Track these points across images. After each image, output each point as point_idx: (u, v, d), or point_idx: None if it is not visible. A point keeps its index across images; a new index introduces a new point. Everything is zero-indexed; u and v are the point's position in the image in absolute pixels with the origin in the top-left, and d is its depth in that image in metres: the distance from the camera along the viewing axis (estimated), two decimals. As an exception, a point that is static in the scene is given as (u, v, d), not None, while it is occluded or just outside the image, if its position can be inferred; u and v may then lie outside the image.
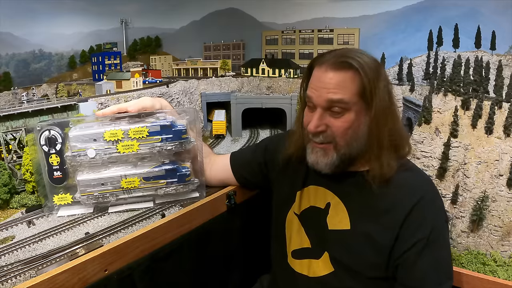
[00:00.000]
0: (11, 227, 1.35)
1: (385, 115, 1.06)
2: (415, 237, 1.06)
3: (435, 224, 1.07)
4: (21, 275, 1.02)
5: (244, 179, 1.44)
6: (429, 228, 1.06)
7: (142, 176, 1.28)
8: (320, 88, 1.07)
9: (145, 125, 1.25)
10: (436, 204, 1.09)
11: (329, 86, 1.06)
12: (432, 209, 1.08)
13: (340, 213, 1.15)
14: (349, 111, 1.05)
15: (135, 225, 1.28)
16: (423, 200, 1.07)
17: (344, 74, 1.05)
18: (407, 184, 1.09)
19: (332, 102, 1.05)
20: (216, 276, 1.47)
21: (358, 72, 1.04)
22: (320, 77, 1.07)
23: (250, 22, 9.91)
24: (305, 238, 1.22)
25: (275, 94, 8.80)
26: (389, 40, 8.19)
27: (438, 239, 1.07)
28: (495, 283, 1.21)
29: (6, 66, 7.84)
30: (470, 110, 6.70)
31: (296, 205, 1.25)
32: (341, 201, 1.16)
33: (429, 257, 1.06)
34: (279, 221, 1.31)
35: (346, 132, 1.07)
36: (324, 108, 1.07)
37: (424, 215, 1.06)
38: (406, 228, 1.06)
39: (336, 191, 1.17)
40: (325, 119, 1.07)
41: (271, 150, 1.37)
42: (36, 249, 1.19)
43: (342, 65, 1.05)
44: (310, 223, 1.21)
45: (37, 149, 1.23)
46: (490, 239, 6.00)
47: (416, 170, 1.15)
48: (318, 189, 1.21)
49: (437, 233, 1.06)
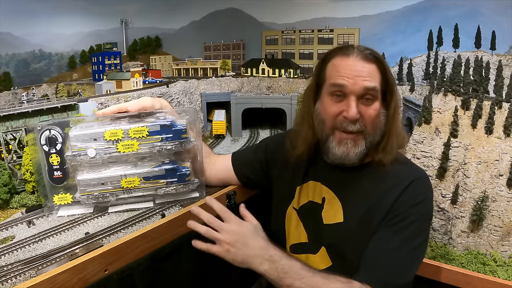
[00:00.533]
0: (11, 227, 1.35)
1: (399, 107, 1.15)
2: (393, 213, 1.08)
3: (417, 213, 1.08)
4: (21, 275, 1.01)
5: (246, 178, 1.45)
6: (409, 213, 1.08)
7: (142, 175, 1.28)
8: (354, 76, 1.09)
9: (145, 124, 1.25)
10: (426, 196, 1.11)
11: (364, 74, 1.09)
12: (419, 198, 1.10)
13: (335, 207, 1.17)
14: (377, 100, 1.10)
15: (135, 225, 1.28)
16: (413, 186, 1.10)
17: (372, 65, 1.10)
18: (401, 175, 1.13)
19: (368, 89, 1.08)
20: (216, 276, 1.47)
21: (382, 64, 1.11)
22: (351, 66, 1.10)
23: (250, 22, 9.91)
24: (303, 233, 1.23)
25: (275, 94, 8.80)
26: (389, 40, 8.19)
27: (417, 228, 1.08)
28: (495, 283, 1.21)
29: (6, 66, 7.84)
30: (470, 110, 6.70)
31: (296, 200, 1.26)
32: (335, 196, 1.17)
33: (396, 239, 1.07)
34: (279, 217, 1.32)
35: (375, 120, 1.11)
36: (358, 96, 1.09)
37: (409, 201, 1.08)
38: (391, 209, 1.09)
39: (331, 186, 1.19)
40: (359, 106, 1.09)
41: (271, 148, 1.38)
42: (36, 249, 1.19)
43: (370, 57, 1.10)
44: (308, 218, 1.23)
45: (38, 149, 1.23)
46: (490, 239, 6.00)
47: (410, 164, 1.20)
48: (316, 185, 1.23)
49: (417, 223, 1.08)
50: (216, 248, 1.07)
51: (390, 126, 1.14)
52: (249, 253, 1.06)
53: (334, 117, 1.11)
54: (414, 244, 1.07)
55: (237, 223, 1.10)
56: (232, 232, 1.08)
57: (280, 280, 1.03)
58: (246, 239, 1.08)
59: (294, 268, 1.04)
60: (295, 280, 1.02)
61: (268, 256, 1.05)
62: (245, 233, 1.09)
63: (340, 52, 1.13)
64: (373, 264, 1.08)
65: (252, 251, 1.06)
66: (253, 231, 1.09)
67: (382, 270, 1.06)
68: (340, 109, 1.10)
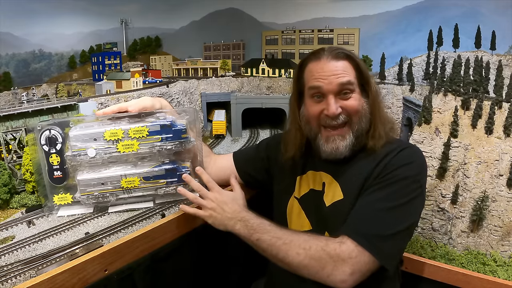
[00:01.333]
0: (11, 227, 1.35)
1: (378, 95, 1.23)
2: (379, 176, 1.13)
3: (404, 173, 1.11)
4: (21, 275, 1.02)
5: (248, 176, 1.48)
6: (395, 174, 1.12)
7: (142, 175, 1.28)
8: (327, 76, 1.17)
9: (145, 124, 1.25)
10: (415, 160, 1.15)
11: (337, 72, 1.17)
12: (407, 161, 1.14)
13: (334, 188, 1.22)
14: (354, 92, 1.19)
15: (135, 225, 1.28)
16: (401, 150, 1.16)
17: (344, 62, 1.19)
18: (392, 147, 1.19)
19: (343, 84, 1.17)
20: (215, 276, 1.47)
21: (353, 59, 1.20)
22: (323, 67, 1.19)
23: (250, 22, 9.90)
24: (306, 221, 1.27)
25: (275, 94, 8.80)
26: (389, 40, 8.18)
27: (392, 185, 1.10)
28: (495, 283, 1.22)
29: (6, 66, 7.83)
30: (470, 110, 6.69)
31: (297, 190, 1.31)
32: (334, 179, 1.23)
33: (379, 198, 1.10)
34: (280, 210, 1.35)
35: (358, 109, 1.19)
36: (335, 93, 1.18)
37: (395, 162, 1.14)
38: (380, 173, 1.14)
39: (330, 171, 1.25)
40: (338, 102, 1.18)
41: (272, 146, 1.43)
42: (36, 249, 1.19)
43: (340, 55, 1.20)
44: (310, 205, 1.28)
45: (38, 149, 1.23)
46: (490, 239, 6.00)
47: (403, 141, 1.27)
48: (316, 174, 1.29)
49: (402, 183, 1.10)
50: (201, 212, 1.24)
51: (374, 114, 1.21)
52: (225, 216, 1.21)
53: (318, 116, 1.21)
54: (396, 201, 1.08)
55: (219, 192, 1.27)
56: (214, 199, 1.24)
57: (251, 236, 1.16)
58: (224, 204, 1.23)
59: (262, 225, 1.17)
60: (262, 234, 1.14)
61: (240, 217, 1.20)
62: (224, 200, 1.24)
63: (312, 57, 1.23)
64: (353, 218, 1.11)
65: (227, 215, 1.21)
66: (231, 199, 1.26)
67: (360, 222, 1.09)
68: (321, 108, 1.20)
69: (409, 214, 1.10)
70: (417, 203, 1.13)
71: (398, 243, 1.09)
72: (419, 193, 1.12)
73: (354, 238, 1.05)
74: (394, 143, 1.20)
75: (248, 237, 1.16)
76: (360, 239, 1.04)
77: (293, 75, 1.31)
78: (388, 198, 1.08)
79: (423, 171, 1.16)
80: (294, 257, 1.08)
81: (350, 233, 1.07)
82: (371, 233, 1.05)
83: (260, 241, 1.14)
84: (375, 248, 1.03)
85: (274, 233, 1.13)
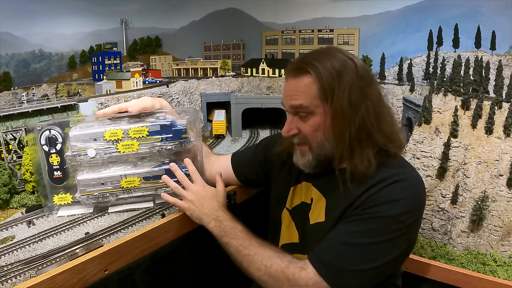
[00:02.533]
0: (11, 227, 1.35)
1: (347, 116, 1.04)
2: (358, 209, 1.03)
3: (385, 211, 1.00)
4: (21, 275, 1.01)
5: (246, 178, 1.46)
6: (373, 210, 1.01)
7: (142, 175, 1.28)
8: (285, 95, 1.14)
9: (145, 124, 1.25)
10: (404, 197, 1.01)
11: (291, 92, 1.12)
12: (392, 197, 1.01)
13: (320, 207, 1.18)
14: (313, 115, 1.09)
15: (135, 225, 1.28)
16: (394, 184, 1.03)
17: (301, 80, 1.08)
18: (386, 175, 1.06)
19: (294, 108, 1.11)
20: (216, 276, 1.47)
21: (315, 76, 1.06)
22: (285, 84, 1.15)
23: (250, 22, 9.90)
24: (295, 233, 1.26)
25: (275, 94, 8.80)
26: (389, 40, 8.18)
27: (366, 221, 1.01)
28: (495, 283, 1.22)
29: (6, 66, 7.82)
30: (470, 110, 6.69)
31: (289, 200, 1.29)
32: (323, 196, 1.18)
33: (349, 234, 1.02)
34: (275, 217, 1.34)
35: (315, 135, 1.10)
36: (293, 113, 1.14)
37: (381, 198, 1.02)
38: (361, 205, 1.04)
39: (319, 187, 1.20)
40: (294, 123, 1.14)
41: (270, 148, 1.40)
42: (36, 249, 1.19)
43: (299, 71, 1.09)
44: (299, 218, 1.25)
45: (37, 149, 1.23)
46: (490, 239, 6.00)
47: (403, 166, 1.11)
48: (308, 186, 1.25)
49: (380, 221, 1.00)
50: (180, 203, 1.24)
51: (337, 136, 1.07)
52: (203, 211, 1.21)
53: None
54: (370, 239, 1.00)
55: (201, 186, 1.26)
56: (195, 192, 1.23)
57: (221, 237, 1.16)
58: (204, 199, 1.22)
59: (233, 230, 1.16)
60: (231, 239, 1.14)
61: (216, 216, 1.19)
62: (205, 195, 1.24)
63: (286, 68, 1.17)
64: (322, 246, 1.07)
65: (204, 210, 1.21)
66: (212, 195, 1.25)
67: (327, 251, 1.04)
68: None
69: (382, 254, 1.00)
70: (395, 244, 1.01)
71: (362, 281, 1.01)
72: (400, 234, 1.01)
73: (316, 266, 1.02)
74: (392, 167, 1.08)
75: (219, 238, 1.17)
76: (321, 268, 1.01)
77: None
78: (362, 234, 1.01)
79: (412, 211, 1.02)
80: (255, 271, 1.08)
81: (314, 260, 1.03)
82: (334, 265, 1.00)
83: (229, 245, 1.14)
84: (335, 280, 0.99)
85: (243, 241, 1.13)
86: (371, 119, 1.06)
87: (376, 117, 1.07)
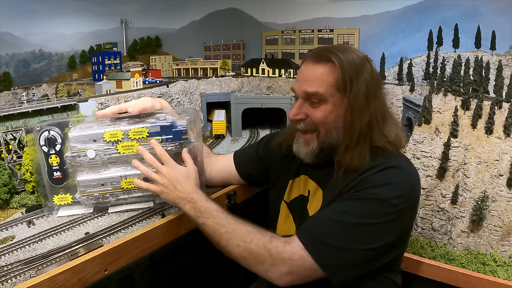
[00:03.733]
0: (11, 227, 1.35)
1: (360, 110, 1.09)
2: (350, 190, 1.06)
3: (375, 192, 1.01)
4: (21, 275, 1.02)
5: (248, 175, 1.48)
6: (363, 192, 1.03)
7: (142, 176, 1.28)
8: (300, 80, 1.15)
9: (145, 125, 1.26)
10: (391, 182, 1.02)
11: (307, 78, 1.13)
12: (383, 180, 1.03)
13: (317, 199, 1.20)
14: (326, 102, 1.11)
15: (135, 225, 1.28)
16: (388, 169, 1.05)
17: (322, 67, 1.11)
18: (380, 162, 1.08)
19: (308, 94, 1.13)
20: (215, 276, 1.47)
21: (336, 65, 1.09)
22: (302, 69, 1.16)
23: (250, 22, 9.89)
24: (292, 225, 1.28)
25: (275, 94, 8.80)
26: (389, 40, 8.18)
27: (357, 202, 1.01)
28: (495, 283, 1.22)
29: (6, 66, 7.82)
30: (470, 110, 6.69)
31: (287, 194, 1.31)
32: (320, 188, 1.21)
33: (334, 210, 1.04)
34: (274, 210, 1.35)
35: (325, 121, 1.12)
36: (304, 99, 1.15)
37: (372, 181, 1.04)
38: (353, 187, 1.07)
39: (316, 180, 1.23)
40: (304, 108, 1.15)
41: (271, 144, 1.42)
42: (36, 249, 1.19)
43: (321, 58, 1.12)
44: (297, 211, 1.27)
45: (37, 149, 1.23)
46: (490, 239, 6.00)
47: (399, 156, 1.14)
48: (306, 179, 1.28)
49: (369, 203, 1.01)
50: (152, 187, 1.22)
51: (346, 128, 1.10)
52: (177, 194, 1.19)
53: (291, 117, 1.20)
54: (361, 219, 1.00)
55: (172, 167, 1.22)
56: (167, 174, 1.20)
57: (197, 218, 1.15)
58: (177, 182, 1.20)
59: (209, 210, 1.15)
60: (207, 219, 1.13)
61: (190, 198, 1.17)
62: (177, 177, 1.21)
63: (305, 56, 1.20)
64: (310, 220, 1.11)
65: (179, 193, 1.19)
66: (185, 176, 1.21)
67: (315, 226, 1.05)
68: None
69: (372, 237, 1.00)
70: (387, 229, 1.01)
71: (348, 262, 1.00)
72: (392, 219, 1.00)
73: (303, 239, 1.01)
74: (385, 157, 1.10)
75: (195, 220, 1.16)
76: (308, 241, 1.01)
77: None
78: (354, 214, 1.01)
79: (405, 196, 1.02)
80: (234, 248, 1.07)
81: (301, 234, 1.04)
82: (322, 240, 1.00)
83: (205, 226, 1.14)
84: (321, 256, 0.99)
85: (219, 220, 1.12)
86: (378, 118, 1.11)
87: (381, 117, 1.13)
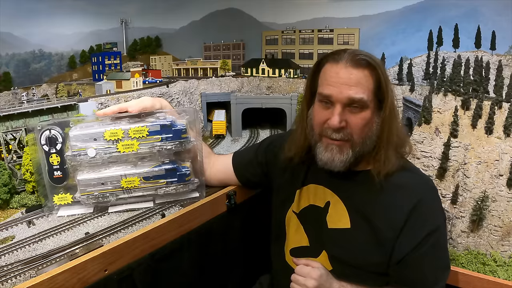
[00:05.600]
0: (11, 227, 1.35)
1: (394, 114, 1.10)
2: (416, 239, 1.07)
3: (435, 225, 1.08)
4: (21, 275, 1.01)
5: (247, 179, 1.45)
6: (430, 230, 1.08)
7: (142, 175, 1.28)
8: (340, 84, 1.06)
9: (145, 124, 1.25)
10: (435, 205, 1.11)
11: (350, 83, 1.05)
12: (432, 210, 1.10)
13: (340, 212, 1.16)
14: (366, 109, 1.07)
15: (135, 225, 1.28)
16: (423, 201, 1.08)
17: (362, 72, 1.06)
18: (407, 184, 1.11)
19: (353, 100, 1.06)
20: (216, 276, 1.46)
21: (375, 70, 1.06)
22: (339, 73, 1.07)
23: (250, 22, 9.90)
24: (304, 236, 1.23)
25: (275, 94, 8.80)
26: (389, 40, 8.18)
27: (438, 240, 1.08)
28: (495, 283, 1.22)
29: (6, 66, 7.82)
30: (470, 110, 6.69)
31: (295, 204, 1.26)
32: (340, 200, 1.17)
33: (430, 258, 1.08)
34: (278, 220, 1.32)
35: (363, 129, 1.08)
36: (344, 105, 1.07)
37: (424, 218, 1.08)
38: (408, 230, 1.08)
39: (336, 190, 1.18)
40: (345, 115, 1.07)
41: (272, 149, 1.38)
42: (36, 249, 1.19)
43: (360, 62, 1.06)
44: (309, 221, 1.23)
45: (38, 149, 1.23)
46: (490, 239, 6.00)
47: (415, 171, 1.17)
48: (318, 188, 1.22)
49: (437, 234, 1.08)
50: None
51: (384, 136, 1.09)
52: None
53: (321, 124, 1.11)
54: (444, 256, 1.13)
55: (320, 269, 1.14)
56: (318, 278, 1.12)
57: None
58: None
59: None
60: None
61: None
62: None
63: (331, 58, 1.10)
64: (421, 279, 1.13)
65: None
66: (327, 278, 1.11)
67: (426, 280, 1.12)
68: (327, 116, 1.09)
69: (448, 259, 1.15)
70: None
71: None
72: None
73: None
74: (405, 170, 1.14)
75: None
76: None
77: (309, 73, 1.19)
78: (440, 260, 1.12)
79: (441, 211, 1.16)
80: None
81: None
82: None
83: None
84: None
85: None
86: (399, 124, 1.14)
87: (399, 123, 1.16)
